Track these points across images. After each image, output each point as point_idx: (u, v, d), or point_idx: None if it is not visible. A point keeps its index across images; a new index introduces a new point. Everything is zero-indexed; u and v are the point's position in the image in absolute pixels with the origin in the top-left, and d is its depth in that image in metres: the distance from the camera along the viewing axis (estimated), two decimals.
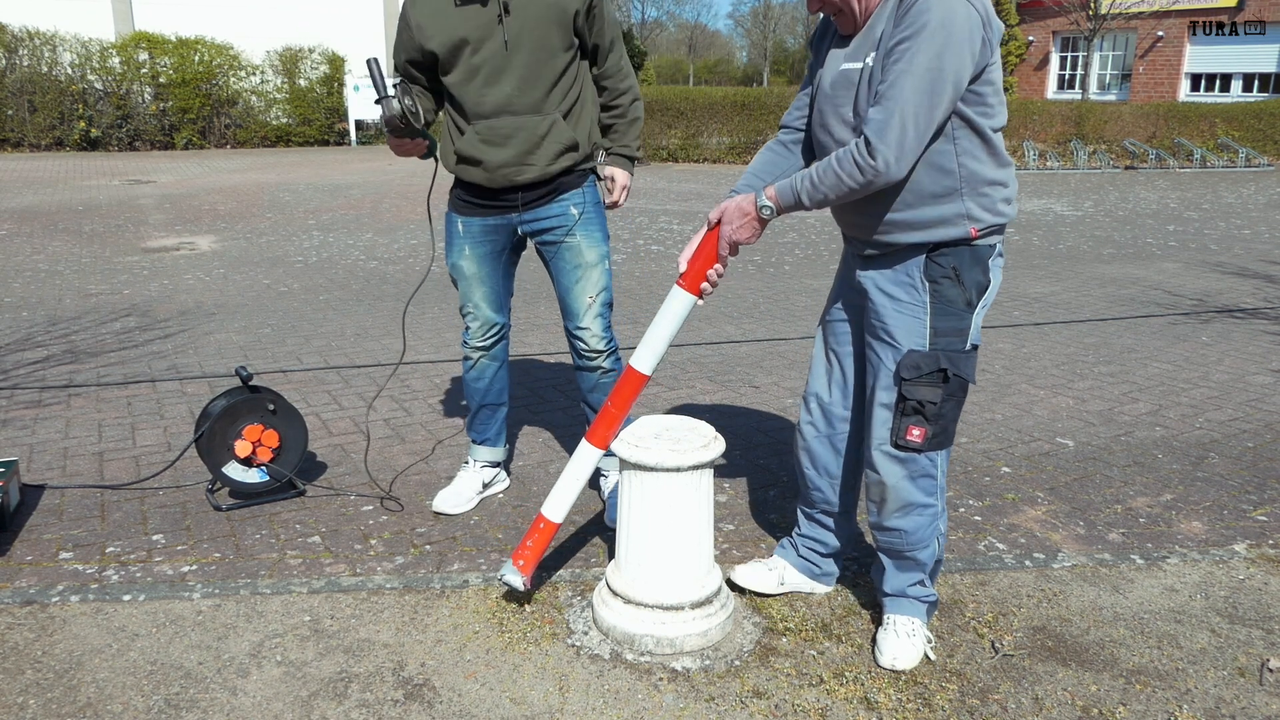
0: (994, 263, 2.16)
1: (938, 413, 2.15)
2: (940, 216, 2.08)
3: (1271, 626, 2.46)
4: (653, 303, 6.11)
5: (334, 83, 20.13)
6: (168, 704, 2.13)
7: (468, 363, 3.07)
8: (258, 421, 3.11)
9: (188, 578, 2.68)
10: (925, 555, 2.30)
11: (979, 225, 2.09)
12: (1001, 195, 2.11)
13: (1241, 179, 14.34)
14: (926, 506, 2.25)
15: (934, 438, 2.17)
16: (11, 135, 17.45)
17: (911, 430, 2.16)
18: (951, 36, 1.90)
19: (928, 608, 2.38)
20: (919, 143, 1.95)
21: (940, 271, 2.11)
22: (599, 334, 2.91)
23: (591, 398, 3.02)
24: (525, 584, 2.43)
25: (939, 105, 1.93)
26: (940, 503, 2.28)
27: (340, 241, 8.41)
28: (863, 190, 2.01)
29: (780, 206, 2.11)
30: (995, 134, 2.08)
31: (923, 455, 2.20)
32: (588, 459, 2.43)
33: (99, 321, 5.57)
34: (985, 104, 2.03)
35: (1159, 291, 6.55)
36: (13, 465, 3.07)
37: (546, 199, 2.84)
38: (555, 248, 2.89)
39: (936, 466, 2.23)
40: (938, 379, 2.12)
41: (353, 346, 5.08)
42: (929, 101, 1.91)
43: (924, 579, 2.34)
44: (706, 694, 2.18)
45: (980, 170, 2.07)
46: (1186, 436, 3.82)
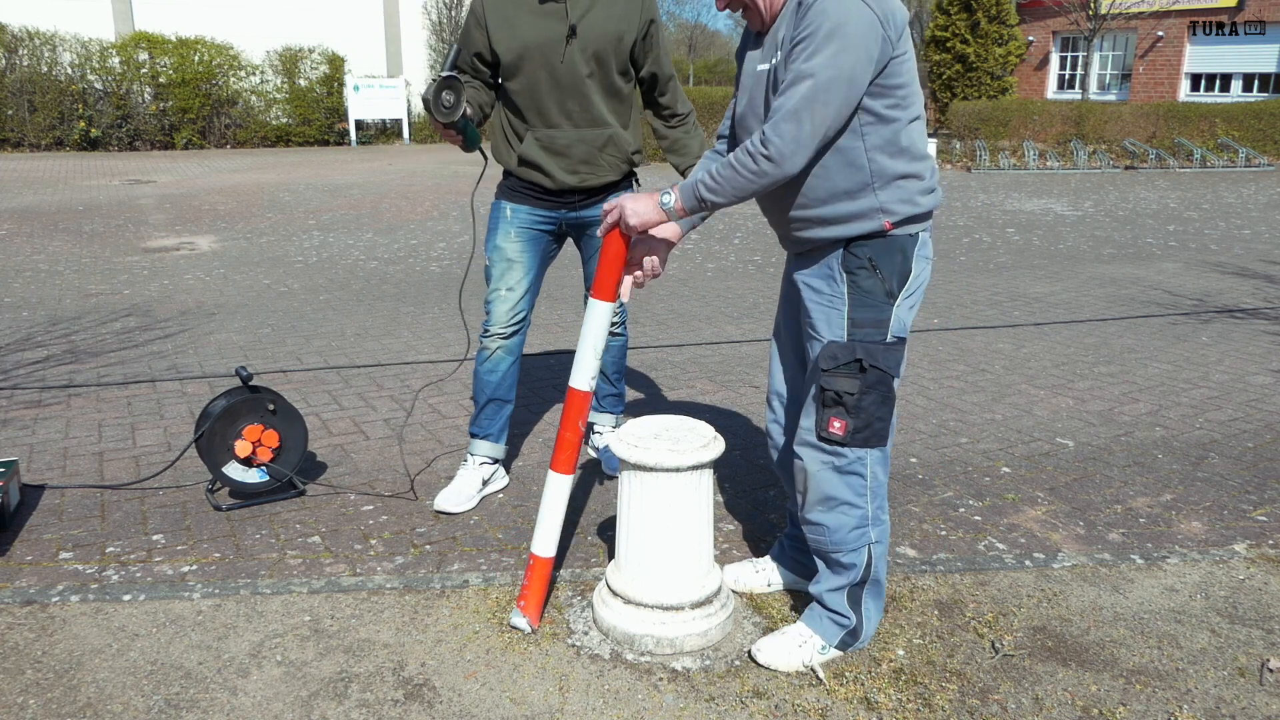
0: (918, 252, 2.14)
1: (857, 404, 2.13)
2: (853, 211, 2.09)
3: (1271, 626, 2.46)
4: (651, 301, 6.11)
5: (334, 83, 20.13)
6: (168, 704, 2.13)
7: (483, 354, 3.09)
8: (258, 421, 3.11)
9: (188, 578, 2.68)
10: (848, 560, 2.24)
11: (893, 218, 2.09)
12: (917, 187, 2.10)
13: (1241, 179, 14.35)
14: (852, 506, 2.21)
15: (857, 431, 2.15)
16: (11, 135, 17.45)
17: (833, 422, 2.15)
18: (848, 39, 1.92)
19: (842, 634, 2.28)
20: (813, 139, 1.97)
21: (856, 263, 2.12)
22: (615, 310, 3.11)
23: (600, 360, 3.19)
24: (532, 626, 2.41)
25: (832, 103, 1.94)
26: (870, 509, 2.23)
27: (340, 241, 8.41)
28: (760, 184, 2.01)
29: (682, 203, 2.12)
30: (910, 125, 2.07)
31: (849, 450, 2.17)
32: (559, 487, 2.41)
33: (99, 321, 5.57)
34: (893, 97, 2.03)
35: (1159, 291, 6.55)
36: (13, 465, 3.07)
37: (597, 198, 3.05)
38: (591, 239, 3.12)
39: (866, 466, 2.19)
40: (854, 369, 2.12)
41: (353, 346, 5.08)
42: (824, 98, 1.93)
43: (850, 596, 2.27)
44: (706, 694, 2.18)
45: (891, 165, 2.07)
46: (1186, 436, 3.82)
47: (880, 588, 2.31)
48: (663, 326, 5.56)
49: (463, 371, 4.63)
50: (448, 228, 9.24)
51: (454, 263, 7.50)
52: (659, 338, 5.31)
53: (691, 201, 2.11)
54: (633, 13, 2.86)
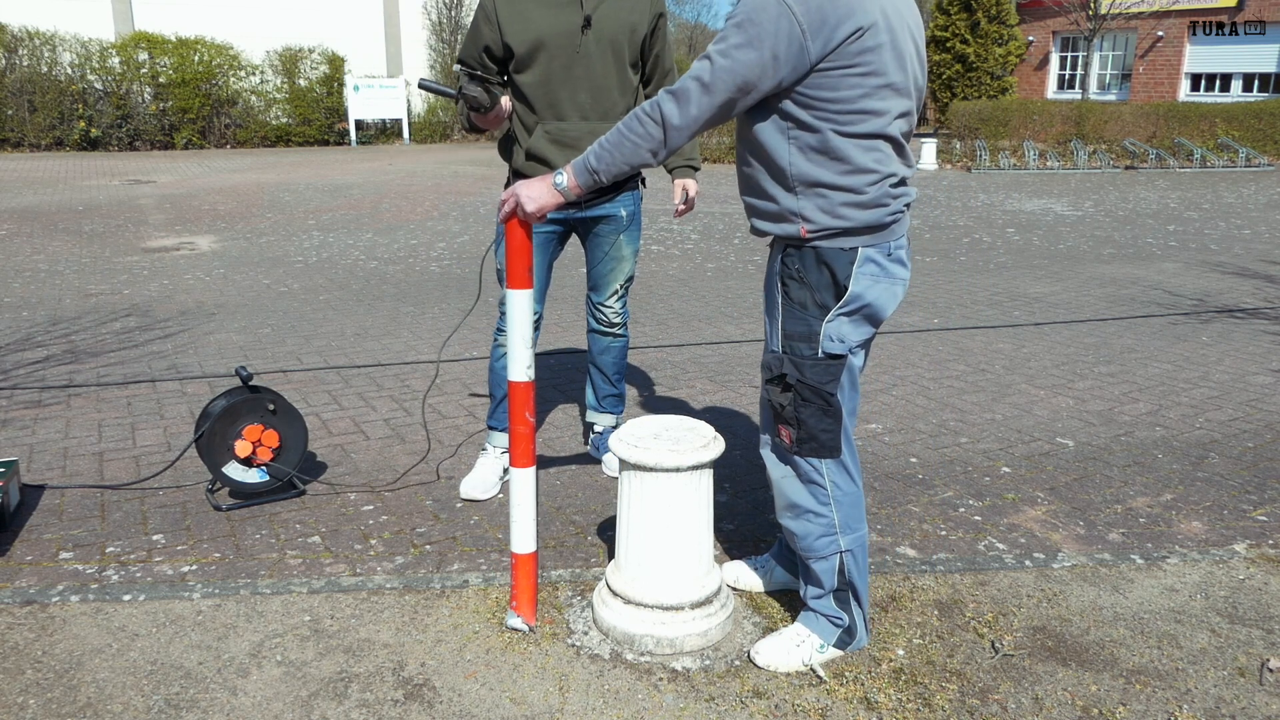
0: (858, 269, 2.04)
1: (795, 416, 2.12)
2: (773, 210, 2.07)
3: (1271, 626, 2.46)
4: (651, 301, 6.11)
5: (334, 82, 20.13)
6: (168, 704, 2.13)
7: (498, 350, 3.15)
8: (258, 421, 3.11)
9: (188, 578, 2.68)
10: (820, 568, 2.25)
11: (810, 226, 2.02)
12: (845, 199, 2.00)
13: (1241, 179, 14.34)
14: (816, 515, 2.21)
15: (802, 443, 2.14)
16: (11, 135, 17.45)
17: (781, 430, 2.16)
18: (753, 35, 1.88)
19: (838, 633, 2.29)
20: (697, 118, 1.96)
21: (788, 272, 2.10)
22: (618, 310, 3.25)
23: (601, 360, 3.30)
24: (528, 625, 2.40)
25: (719, 93, 1.93)
26: (837, 518, 2.21)
27: (340, 241, 8.41)
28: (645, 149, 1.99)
29: (576, 180, 2.08)
30: (849, 140, 1.97)
31: (803, 460, 2.17)
32: (523, 482, 2.37)
33: (99, 321, 5.57)
34: (822, 110, 1.94)
35: (1159, 291, 6.55)
36: (13, 465, 3.07)
37: (604, 198, 3.06)
38: (598, 238, 3.14)
39: (824, 476, 2.17)
40: (783, 383, 2.11)
41: (352, 346, 5.08)
42: (710, 82, 1.92)
43: (829, 596, 2.28)
44: (706, 694, 2.18)
45: (815, 172, 1.99)
46: (1186, 436, 3.82)
47: (860, 594, 2.29)
48: (663, 326, 5.56)
49: (463, 371, 4.63)
50: (447, 228, 9.24)
51: (454, 262, 7.50)
52: (659, 338, 5.31)
53: (584, 177, 2.06)
54: (643, 5, 2.91)
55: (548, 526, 3.02)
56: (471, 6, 22.36)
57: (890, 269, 2.09)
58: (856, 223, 2.02)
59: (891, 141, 2.02)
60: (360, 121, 20.37)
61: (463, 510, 3.12)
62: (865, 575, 2.29)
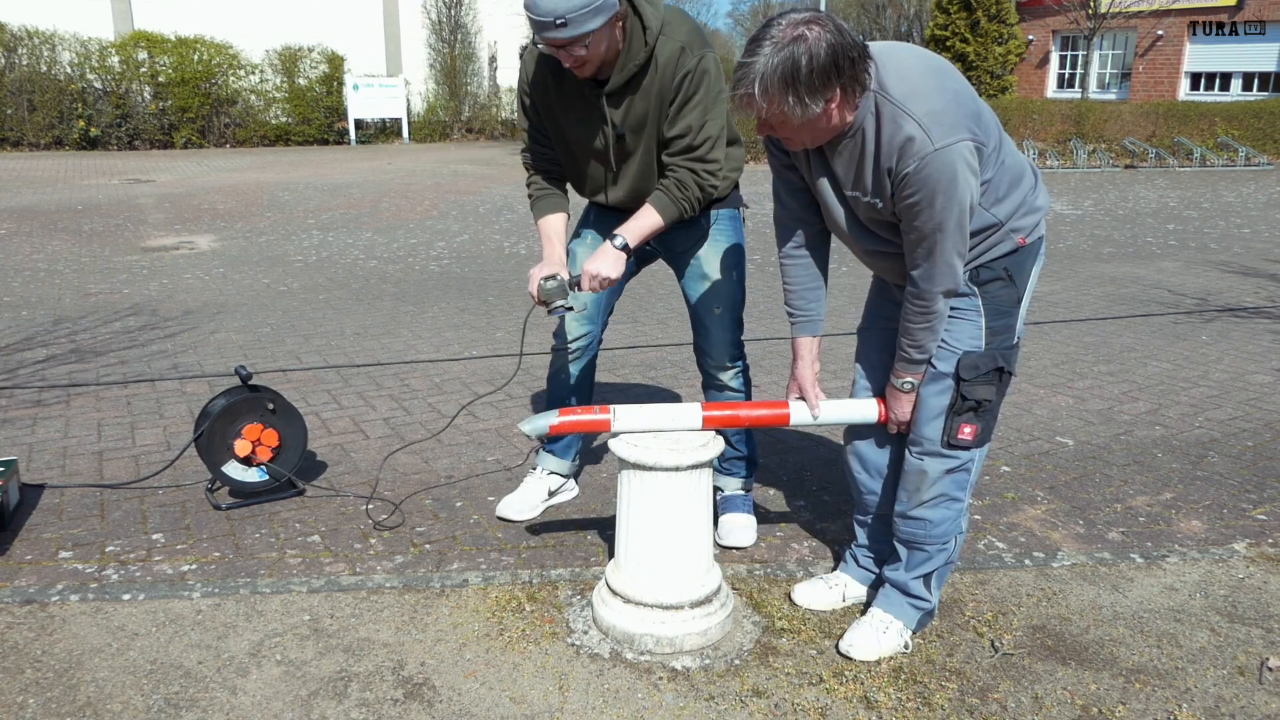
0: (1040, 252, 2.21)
1: (992, 409, 2.20)
2: (990, 244, 2.12)
3: (1271, 625, 2.46)
4: (651, 301, 6.10)
5: (333, 82, 20.12)
6: (167, 703, 2.13)
7: (552, 366, 3.00)
8: (257, 421, 3.10)
9: (187, 577, 2.68)
10: (938, 548, 2.32)
11: (1024, 233, 2.13)
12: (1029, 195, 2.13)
13: (1241, 178, 14.34)
14: (955, 500, 2.29)
15: (982, 433, 2.23)
16: (11, 134, 17.44)
17: (963, 428, 2.20)
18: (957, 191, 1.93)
19: (920, 615, 2.37)
20: (963, 259, 2.04)
21: (990, 274, 2.14)
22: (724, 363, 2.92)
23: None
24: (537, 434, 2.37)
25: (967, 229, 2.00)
26: (967, 499, 2.32)
27: (340, 241, 8.41)
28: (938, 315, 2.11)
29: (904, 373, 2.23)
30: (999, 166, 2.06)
31: (963, 451, 2.23)
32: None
33: (99, 321, 5.57)
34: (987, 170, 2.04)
35: (1159, 290, 6.55)
36: (13, 465, 3.07)
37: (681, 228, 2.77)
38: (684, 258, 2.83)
39: (975, 463, 2.27)
40: (994, 377, 2.17)
41: (352, 346, 5.08)
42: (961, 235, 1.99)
43: (927, 579, 2.34)
44: (706, 693, 2.18)
45: (1008, 202, 2.10)
46: (1186, 435, 3.82)
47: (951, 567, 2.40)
48: (662, 326, 5.55)
49: (463, 372, 4.63)
50: (447, 227, 9.23)
51: (454, 262, 7.50)
52: (659, 337, 5.30)
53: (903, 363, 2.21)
54: (667, 80, 2.48)
55: (547, 526, 3.01)
56: (472, 6, 22.34)
57: None
58: (1043, 206, 2.16)
59: None
60: (360, 121, 20.36)
61: (462, 509, 3.12)
62: None
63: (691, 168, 2.53)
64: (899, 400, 2.25)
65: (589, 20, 2.27)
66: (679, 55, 2.45)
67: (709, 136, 2.52)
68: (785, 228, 2.32)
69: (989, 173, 2.02)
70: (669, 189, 2.55)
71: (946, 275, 2.03)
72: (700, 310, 2.83)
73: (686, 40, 2.46)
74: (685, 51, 2.45)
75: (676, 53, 2.45)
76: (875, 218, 2.09)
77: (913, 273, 2.05)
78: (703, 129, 2.51)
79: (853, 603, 2.55)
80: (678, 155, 2.54)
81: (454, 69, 21.90)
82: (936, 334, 2.13)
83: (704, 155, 2.53)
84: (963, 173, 1.91)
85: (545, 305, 2.59)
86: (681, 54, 2.45)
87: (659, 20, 2.44)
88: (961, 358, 2.15)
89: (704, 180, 2.55)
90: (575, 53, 2.34)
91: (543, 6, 2.24)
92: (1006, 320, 2.16)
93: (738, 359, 2.86)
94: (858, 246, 2.21)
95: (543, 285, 2.55)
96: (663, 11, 2.47)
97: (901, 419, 2.27)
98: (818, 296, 2.34)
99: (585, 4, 2.25)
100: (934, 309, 2.08)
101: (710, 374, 2.90)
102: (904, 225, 2.02)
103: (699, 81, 2.47)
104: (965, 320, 2.16)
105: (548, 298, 2.57)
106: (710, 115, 2.52)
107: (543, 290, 2.56)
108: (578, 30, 2.27)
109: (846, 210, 2.15)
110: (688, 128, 2.50)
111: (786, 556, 2.83)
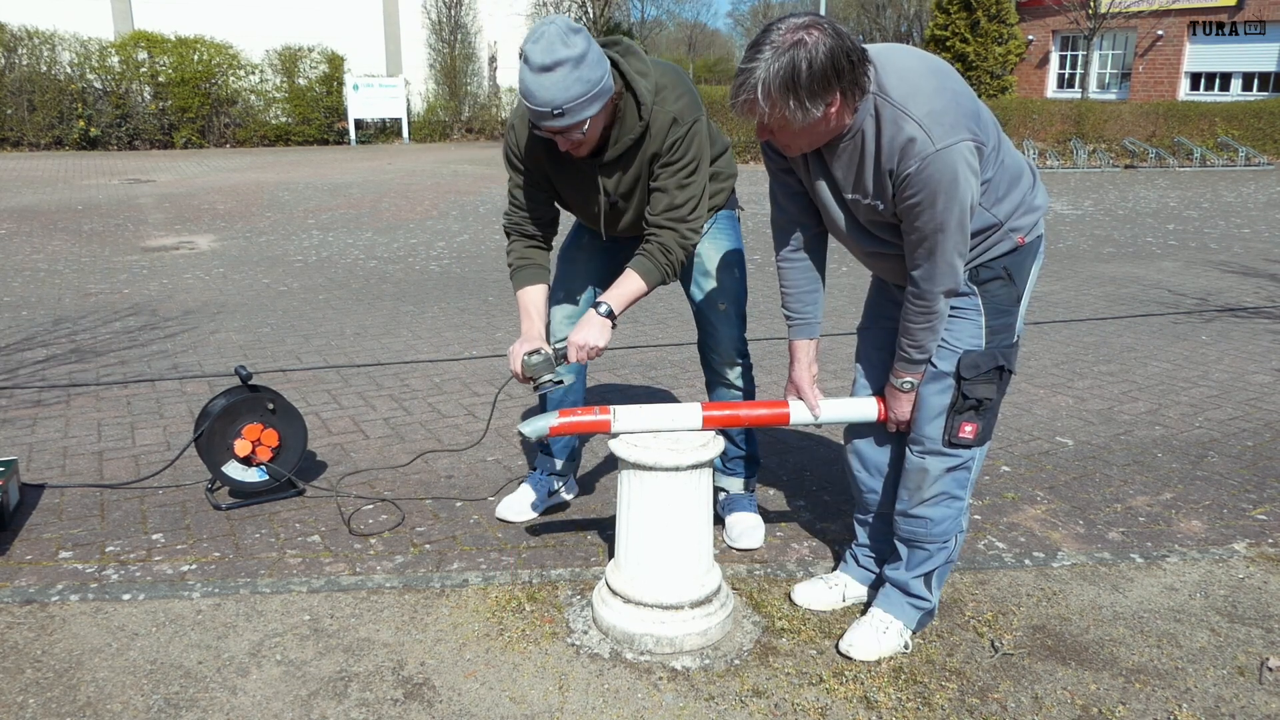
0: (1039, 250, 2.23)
1: (992, 407, 2.21)
2: (990, 243, 2.12)
3: (1271, 625, 2.46)
4: (651, 301, 6.10)
5: (333, 82, 20.13)
6: (167, 703, 2.13)
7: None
8: (257, 420, 3.10)
9: (187, 577, 2.68)
10: (937, 547, 2.32)
11: (1023, 233, 2.14)
12: (1027, 194, 2.14)
13: (1241, 178, 14.34)
14: (955, 499, 2.29)
15: (983, 432, 2.23)
16: (11, 134, 17.45)
17: (964, 427, 2.21)
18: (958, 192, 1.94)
19: (920, 615, 2.38)
20: (964, 259, 2.05)
21: (990, 274, 2.14)
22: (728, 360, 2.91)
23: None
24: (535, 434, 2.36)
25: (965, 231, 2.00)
26: (967, 500, 2.32)
27: (340, 241, 8.41)
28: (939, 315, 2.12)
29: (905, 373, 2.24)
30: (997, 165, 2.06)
31: (964, 450, 2.24)
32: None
33: (99, 321, 5.57)
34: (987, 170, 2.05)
35: (1159, 290, 6.55)
36: (13, 465, 3.07)
37: None
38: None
39: (975, 462, 2.28)
40: (994, 375, 2.18)
41: (352, 345, 5.08)
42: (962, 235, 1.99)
43: (928, 578, 2.34)
44: (706, 693, 2.18)
45: (1008, 201, 2.10)
46: (1186, 435, 3.82)
47: (951, 566, 2.40)
48: (662, 326, 5.55)
49: (463, 371, 4.63)
50: (447, 227, 9.23)
51: (454, 262, 7.50)
52: (659, 337, 5.31)
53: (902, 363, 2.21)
54: (658, 146, 2.47)
55: (547, 526, 3.02)
56: (472, 6, 22.34)
57: None
58: (1041, 205, 2.17)
59: None
60: (360, 121, 20.36)
61: (462, 509, 3.12)
62: None
63: (674, 228, 2.51)
64: (898, 399, 2.25)
65: (587, 108, 2.25)
66: (670, 125, 2.44)
67: (692, 197, 2.50)
68: (783, 231, 2.32)
69: (989, 172, 2.02)
70: (653, 254, 2.52)
71: (947, 275, 2.03)
72: (705, 308, 2.82)
73: (679, 112, 2.44)
74: (676, 123, 2.44)
75: (668, 124, 2.44)
76: (875, 219, 2.09)
77: (914, 273, 2.06)
78: (686, 189, 2.50)
79: (853, 603, 2.55)
80: (660, 213, 2.51)
81: (454, 69, 21.91)
82: (937, 333, 2.13)
83: (685, 215, 2.51)
84: (964, 173, 1.92)
85: (532, 381, 2.51)
86: (673, 125, 2.44)
87: (651, 93, 2.41)
88: (962, 357, 2.16)
89: (686, 240, 2.53)
90: (573, 137, 2.33)
91: (540, 97, 2.21)
92: (1006, 319, 2.17)
93: (744, 355, 2.86)
94: (857, 248, 2.21)
95: (527, 361, 2.49)
96: (655, 79, 2.43)
97: (901, 418, 2.28)
98: (815, 300, 2.34)
99: (582, 92, 2.22)
100: (935, 309, 2.08)
101: (717, 372, 2.88)
102: (905, 226, 2.02)
103: (687, 146, 2.46)
104: (965, 319, 2.16)
105: (534, 374, 2.50)
106: (696, 176, 2.51)
107: (528, 367, 2.49)
108: (575, 118, 2.25)
109: (846, 213, 2.15)
110: (670, 187, 2.49)
111: (786, 556, 2.83)
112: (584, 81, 2.21)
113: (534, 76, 2.20)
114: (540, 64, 2.18)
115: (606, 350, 4.91)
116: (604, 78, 2.27)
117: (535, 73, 2.20)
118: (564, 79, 2.19)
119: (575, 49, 2.19)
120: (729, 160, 2.78)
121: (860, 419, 2.37)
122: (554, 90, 2.19)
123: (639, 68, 2.41)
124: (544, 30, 2.21)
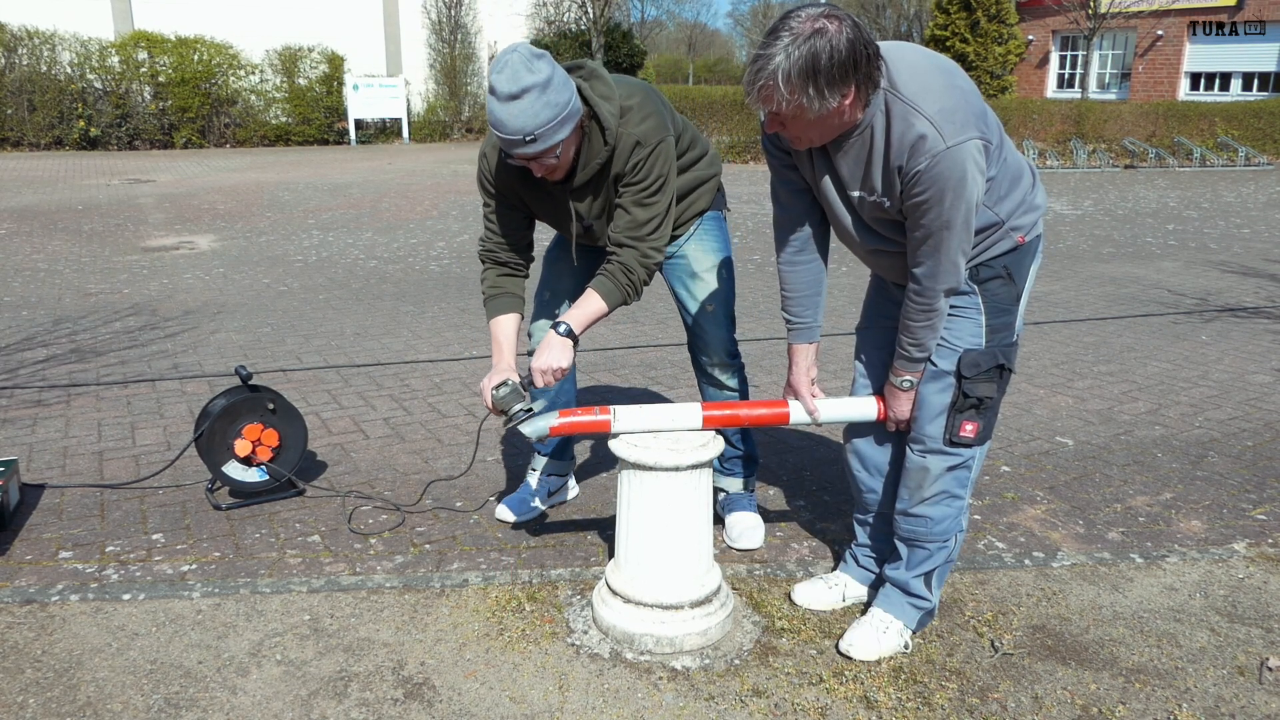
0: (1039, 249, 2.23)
1: (993, 406, 2.21)
2: (990, 242, 2.13)
3: (1271, 625, 2.46)
4: (651, 301, 6.10)
5: (333, 82, 20.12)
6: (167, 703, 2.13)
7: None
8: (257, 421, 3.11)
9: (187, 577, 2.68)
10: (938, 546, 2.32)
11: (1024, 232, 2.14)
12: (1027, 194, 2.14)
13: (1241, 178, 14.35)
14: (955, 498, 2.29)
15: (983, 431, 2.23)
16: (11, 134, 17.44)
17: (965, 425, 2.21)
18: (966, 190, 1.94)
19: (920, 615, 2.38)
20: (967, 257, 2.06)
21: (990, 273, 2.14)
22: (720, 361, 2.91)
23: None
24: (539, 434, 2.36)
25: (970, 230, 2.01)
26: (968, 497, 2.32)
27: (340, 241, 8.41)
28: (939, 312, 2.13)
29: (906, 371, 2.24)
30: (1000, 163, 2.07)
31: (965, 449, 2.24)
32: None
33: (99, 321, 5.57)
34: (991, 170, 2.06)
35: (1158, 290, 6.55)
36: (13, 465, 3.07)
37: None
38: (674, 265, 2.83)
39: (975, 461, 2.28)
40: (995, 374, 2.18)
41: (352, 345, 5.08)
42: (967, 233, 2.00)
43: (928, 578, 2.35)
44: (706, 693, 2.18)
45: (1009, 200, 2.11)
46: (1186, 435, 3.82)
47: (951, 566, 2.40)
48: (662, 326, 5.55)
49: (463, 371, 4.63)
50: (447, 227, 9.23)
51: (454, 261, 7.50)
52: (658, 337, 5.31)
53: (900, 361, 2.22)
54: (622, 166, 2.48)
55: (547, 526, 3.02)
56: (472, 6, 22.34)
57: None
58: (1041, 205, 2.17)
59: None
60: (360, 121, 20.36)
61: (462, 509, 3.12)
62: None
63: (635, 246, 2.49)
64: (898, 398, 2.25)
65: (557, 132, 2.26)
66: (633, 148, 2.43)
67: (655, 216, 2.49)
68: (785, 231, 2.31)
69: (992, 170, 2.03)
70: (614, 274, 2.51)
71: (950, 273, 2.03)
72: (693, 310, 2.81)
73: (643, 134, 2.43)
74: (640, 145, 2.43)
75: (631, 146, 2.43)
76: (880, 217, 2.09)
77: (916, 270, 2.06)
78: (648, 207, 2.49)
79: (853, 602, 2.55)
80: (622, 231, 2.50)
81: (454, 69, 21.91)
82: (937, 332, 2.14)
83: (647, 234, 2.49)
84: (972, 171, 1.92)
85: (504, 414, 2.46)
86: (635, 147, 2.43)
87: (615, 116, 2.41)
88: (963, 355, 2.16)
89: (648, 259, 2.51)
90: (546, 162, 2.33)
91: (511, 125, 2.21)
92: (1006, 318, 2.17)
93: (735, 355, 2.86)
94: (860, 246, 2.21)
95: (495, 395, 2.45)
96: (620, 101, 2.43)
97: (900, 417, 2.28)
98: (816, 304, 2.34)
99: (552, 117, 2.22)
100: (935, 307, 2.09)
101: (708, 373, 2.87)
102: (910, 223, 2.02)
103: (650, 166, 2.45)
104: (966, 318, 2.16)
105: (504, 406, 2.44)
106: (659, 196, 2.49)
107: (497, 400, 2.45)
108: (547, 143, 2.26)
109: (850, 210, 2.15)
110: (630, 205, 2.49)
111: (786, 556, 2.83)
112: (552, 106, 2.22)
113: (502, 106, 2.21)
114: (507, 92, 2.19)
115: (606, 350, 4.92)
116: (571, 100, 2.28)
117: (503, 102, 2.20)
118: (532, 105, 2.20)
119: (540, 74, 2.20)
120: (711, 161, 2.78)
121: (860, 418, 2.38)
122: (523, 118, 2.20)
123: (603, 91, 2.41)
124: (507, 59, 2.22)
